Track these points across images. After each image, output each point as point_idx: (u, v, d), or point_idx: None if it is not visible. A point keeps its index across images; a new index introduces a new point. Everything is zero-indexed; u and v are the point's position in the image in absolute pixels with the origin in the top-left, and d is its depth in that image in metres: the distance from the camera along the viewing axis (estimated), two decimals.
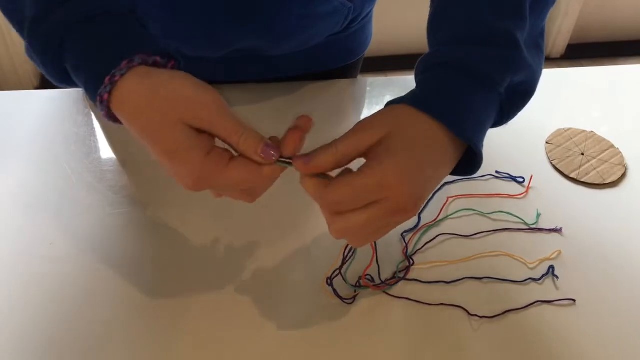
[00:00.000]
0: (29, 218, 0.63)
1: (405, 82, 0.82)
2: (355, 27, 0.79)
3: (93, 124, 0.74)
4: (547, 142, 0.72)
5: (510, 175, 0.68)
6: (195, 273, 0.58)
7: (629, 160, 0.70)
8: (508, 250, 0.61)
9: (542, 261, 0.60)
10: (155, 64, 0.46)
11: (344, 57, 0.83)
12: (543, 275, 0.58)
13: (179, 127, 0.43)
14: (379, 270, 0.57)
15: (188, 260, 0.59)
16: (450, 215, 0.64)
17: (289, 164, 0.46)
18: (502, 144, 0.73)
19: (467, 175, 0.51)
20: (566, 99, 0.80)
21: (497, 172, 0.68)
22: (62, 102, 0.77)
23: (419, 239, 0.61)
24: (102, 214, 0.63)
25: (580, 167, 0.69)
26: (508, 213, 0.64)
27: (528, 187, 0.66)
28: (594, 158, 0.70)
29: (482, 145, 0.48)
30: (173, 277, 0.58)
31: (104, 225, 0.62)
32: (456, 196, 0.66)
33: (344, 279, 0.57)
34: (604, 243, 0.62)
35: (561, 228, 0.62)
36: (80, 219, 0.63)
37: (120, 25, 0.47)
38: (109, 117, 0.46)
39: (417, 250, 0.60)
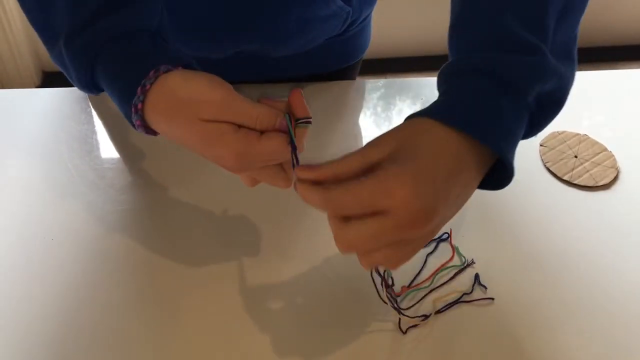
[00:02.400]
0: (31, 214, 0.64)
1: (403, 84, 0.83)
2: (354, 30, 0.80)
3: (95, 123, 0.75)
4: (541, 145, 0.74)
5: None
6: (196, 271, 0.59)
7: (621, 163, 0.71)
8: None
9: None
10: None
11: (343, 59, 0.84)
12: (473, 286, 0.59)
13: (201, 123, 0.46)
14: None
15: (189, 258, 0.61)
16: None
17: (309, 122, 0.48)
18: None
19: (497, 189, 0.49)
20: None
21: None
22: (64, 100, 0.78)
23: None
24: (103, 211, 0.65)
25: (573, 169, 0.70)
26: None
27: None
28: (587, 161, 0.71)
29: (513, 156, 0.45)
30: (174, 275, 0.59)
31: (105, 222, 0.63)
32: None
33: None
34: (596, 244, 0.63)
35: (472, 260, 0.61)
36: (81, 215, 0.64)
37: (147, 42, 0.51)
38: (144, 128, 0.50)
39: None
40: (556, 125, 0.76)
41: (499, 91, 0.46)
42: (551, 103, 0.49)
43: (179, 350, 0.53)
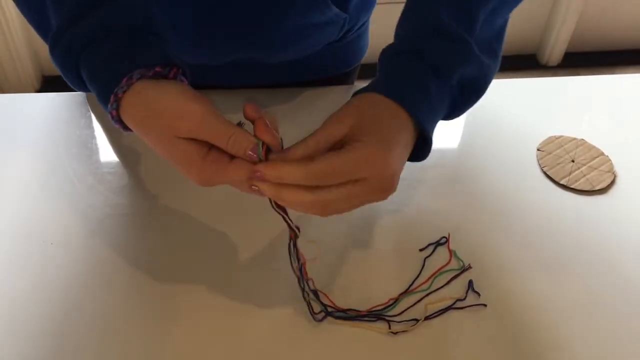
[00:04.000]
0: (30, 218, 0.64)
1: None
2: (351, 37, 0.80)
3: (94, 127, 0.75)
4: (538, 149, 0.74)
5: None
6: (195, 274, 0.60)
7: (618, 168, 0.72)
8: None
9: None
10: (155, 75, 0.49)
11: (341, 65, 0.85)
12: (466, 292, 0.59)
13: (173, 140, 0.47)
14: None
15: (188, 262, 0.61)
16: None
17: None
18: (493, 149, 0.74)
19: (417, 161, 0.56)
20: (559, 107, 0.82)
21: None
22: (64, 105, 0.79)
23: None
24: (103, 215, 0.65)
25: (570, 173, 0.71)
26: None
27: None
28: (584, 165, 0.72)
29: (432, 131, 0.54)
30: (172, 277, 0.59)
31: (104, 226, 0.64)
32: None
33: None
34: (593, 248, 0.63)
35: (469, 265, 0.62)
36: (81, 219, 0.64)
37: (129, 38, 0.50)
38: (125, 129, 0.51)
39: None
40: (553, 129, 0.77)
41: (427, 72, 0.53)
42: (472, 90, 0.57)
43: (178, 354, 0.54)
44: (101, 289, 0.58)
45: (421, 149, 0.55)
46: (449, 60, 0.54)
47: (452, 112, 0.57)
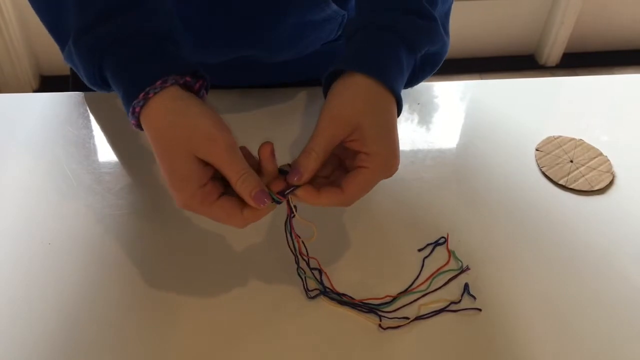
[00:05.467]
0: (28, 219, 0.64)
1: None
2: None
3: (92, 127, 0.75)
4: (536, 149, 0.74)
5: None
6: (194, 274, 0.60)
7: (616, 168, 0.72)
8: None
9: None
10: (185, 84, 0.51)
11: None
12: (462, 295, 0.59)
13: (187, 156, 0.48)
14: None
15: (185, 261, 0.61)
16: None
17: (279, 202, 0.51)
18: (492, 150, 0.74)
19: None
20: (558, 107, 0.82)
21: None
22: (62, 105, 0.78)
23: None
24: (101, 215, 0.65)
25: (569, 174, 0.71)
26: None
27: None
28: (583, 165, 0.72)
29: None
30: (170, 278, 0.59)
31: (102, 226, 0.64)
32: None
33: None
34: (591, 249, 0.63)
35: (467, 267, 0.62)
36: (79, 219, 0.64)
37: (157, 44, 0.52)
38: (138, 127, 0.52)
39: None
40: (552, 129, 0.77)
41: (400, 45, 0.55)
42: (431, 63, 0.60)
43: (179, 354, 0.54)
44: (100, 289, 0.58)
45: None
46: (421, 37, 0.56)
47: (409, 83, 0.60)
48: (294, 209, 0.53)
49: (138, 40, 0.51)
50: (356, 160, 0.52)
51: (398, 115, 0.55)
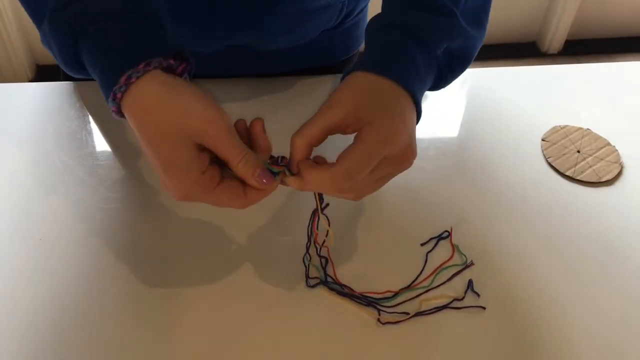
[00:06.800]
0: (17, 213, 0.62)
1: None
2: (350, 23, 0.78)
3: (84, 118, 0.73)
4: (542, 140, 0.72)
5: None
6: (189, 267, 0.58)
7: (625, 158, 0.70)
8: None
9: None
10: (169, 67, 0.47)
11: (339, 52, 0.83)
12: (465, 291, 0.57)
13: (184, 142, 0.45)
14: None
15: (180, 255, 0.59)
16: None
17: (277, 173, 0.49)
18: (497, 140, 0.72)
19: None
20: (563, 96, 0.80)
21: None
22: (54, 95, 0.76)
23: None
24: (93, 209, 0.63)
25: (576, 164, 0.69)
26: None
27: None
28: (590, 156, 0.70)
29: (421, 99, 0.54)
30: (164, 272, 0.57)
31: (95, 220, 0.62)
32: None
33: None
34: (600, 242, 0.61)
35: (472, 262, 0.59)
36: (71, 214, 0.62)
37: (138, 24, 0.48)
38: (118, 114, 0.48)
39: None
40: (558, 119, 0.74)
41: (413, 45, 0.53)
42: (458, 60, 0.58)
43: (173, 350, 0.52)
44: (92, 285, 0.56)
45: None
46: (435, 34, 0.54)
47: (439, 83, 0.58)
48: (320, 200, 0.53)
49: (118, 19, 0.47)
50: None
51: (418, 118, 0.53)
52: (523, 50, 2.39)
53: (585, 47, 2.40)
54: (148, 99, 0.45)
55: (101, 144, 0.70)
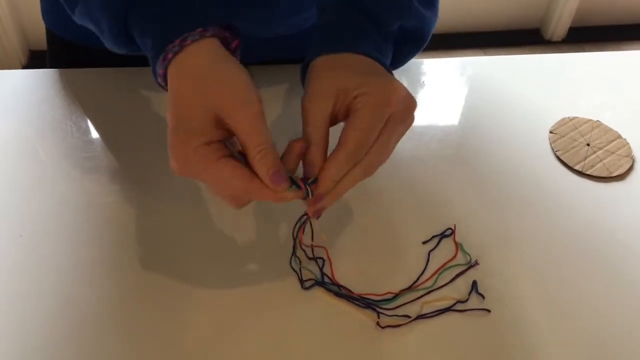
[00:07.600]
0: None
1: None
2: None
3: (70, 107, 0.70)
4: (550, 132, 0.69)
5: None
6: (180, 264, 0.55)
7: (637, 152, 0.67)
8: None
9: None
10: (224, 40, 0.49)
11: None
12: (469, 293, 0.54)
13: (205, 108, 0.44)
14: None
15: (172, 253, 0.56)
16: None
17: (299, 186, 0.47)
18: (503, 132, 0.69)
19: None
20: (571, 86, 0.76)
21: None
22: (37, 82, 0.73)
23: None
24: (78, 203, 0.60)
25: (585, 158, 0.66)
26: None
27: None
28: (600, 149, 0.67)
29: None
30: (155, 271, 0.55)
31: (79, 216, 0.59)
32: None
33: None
34: (610, 240, 0.58)
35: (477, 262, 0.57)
36: (53, 208, 0.59)
37: None
38: (162, 78, 0.48)
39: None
40: (567, 110, 0.71)
41: (368, 23, 0.53)
42: (413, 39, 0.58)
43: (168, 347, 0.49)
44: (76, 284, 0.53)
45: None
46: (390, 14, 0.55)
47: (393, 62, 0.58)
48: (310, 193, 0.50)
49: None
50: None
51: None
52: (526, 37, 2.35)
53: (590, 34, 2.36)
54: (197, 63, 0.45)
55: (87, 135, 0.67)
